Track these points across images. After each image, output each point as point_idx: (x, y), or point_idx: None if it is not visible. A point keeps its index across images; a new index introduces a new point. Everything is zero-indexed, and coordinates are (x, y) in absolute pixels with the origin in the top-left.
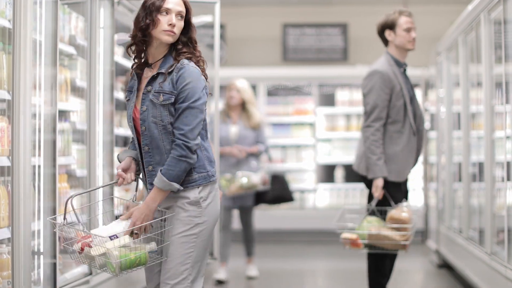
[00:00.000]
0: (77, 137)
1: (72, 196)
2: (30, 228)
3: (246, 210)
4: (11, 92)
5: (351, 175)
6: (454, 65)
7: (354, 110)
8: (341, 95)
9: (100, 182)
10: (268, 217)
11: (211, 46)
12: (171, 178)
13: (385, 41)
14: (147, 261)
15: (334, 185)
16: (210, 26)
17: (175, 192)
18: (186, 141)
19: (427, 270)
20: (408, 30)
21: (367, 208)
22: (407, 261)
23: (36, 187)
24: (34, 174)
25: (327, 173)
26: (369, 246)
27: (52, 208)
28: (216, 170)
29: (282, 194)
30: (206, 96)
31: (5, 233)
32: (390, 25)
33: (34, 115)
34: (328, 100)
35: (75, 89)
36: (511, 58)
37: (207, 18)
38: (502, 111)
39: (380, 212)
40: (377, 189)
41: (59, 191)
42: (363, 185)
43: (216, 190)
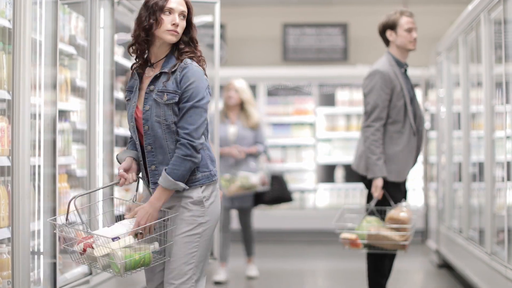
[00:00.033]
0: (77, 137)
1: (75, 197)
2: (28, 228)
3: (245, 211)
4: (11, 92)
5: (351, 175)
6: (454, 65)
7: (354, 110)
8: (341, 95)
9: (100, 182)
10: (268, 217)
11: (211, 46)
12: (176, 177)
13: (386, 41)
14: (151, 261)
15: (334, 185)
16: (210, 26)
17: (178, 192)
18: (191, 140)
19: (427, 270)
20: (409, 30)
21: (366, 208)
22: (407, 261)
23: (36, 187)
24: (34, 174)
25: (327, 173)
26: (368, 246)
27: (52, 208)
28: (217, 169)
29: (281, 195)
30: (209, 95)
31: (5, 233)
32: (391, 25)
33: (34, 115)
34: (328, 100)
35: (75, 89)
36: (511, 58)
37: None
38: (502, 111)
39: (379, 212)
40: (376, 189)
41: (59, 191)
42: (363, 185)
43: (217, 189)
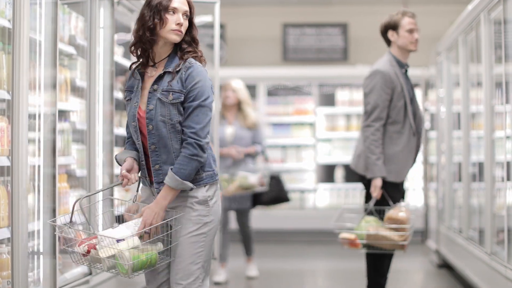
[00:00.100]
0: (77, 137)
1: (81, 198)
2: (26, 228)
3: (243, 212)
4: (10, 92)
5: (351, 175)
6: (454, 65)
7: (354, 110)
8: (341, 95)
9: (100, 182)
10: (268, 217)
11: (211, 46)
12: (183, 177)
13: (388, 41)
14: (157, 262)
15: (334, 185)
16: (210, 26)
17: (183, 192)
18: (198, 139)
19: (427, 270)
20: (411, 31)
21: (365, 208)
22: (407, 261)
23: (36, 187)
24: (34, 174)
25: (327, 173)
26: (367, 246)
27: (52, 208)
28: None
29: (279, 195)
30: (213, 94)
31: (5, 233)
32: (393, 26)
33: (34, 115)
34: (328, 100)
35: (75, 89)
36: (511, 58)
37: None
38: (502, 111)
39: (378, 212)
40: (375, 189)
41: (59, 191)
42: (362, 185)
43: (219, 189)
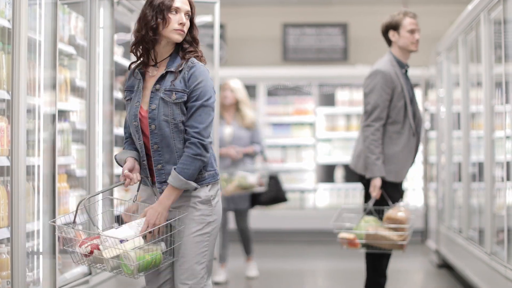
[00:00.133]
0: (77, 137)
1: (85, 198)
2: (24, 228)
3: (241, 212)
4: (10, 92)
5: (351, 175)
6: (454, 65)
7: (354, 110)
8: (341, 95)
9: (100, 182)
10: (268, 217)
11: (210, 46)
12: (187, 176)
13: (389, 41)
14: (161, 261)
15: (334, 185)
16: (210, 26)
17: (185, 191)
18: (202, 139)
19: (427, 270)
20: (412, 31)
21: (364, 208)
22: (407, 261)
23: (35, 187)
24: (33, 174)
25: (327, 173)
26: (366, 246)
27: (52, 208)
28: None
29: (277, 195)
30: (214, 94)
31: (5, 233)
32: (394, 26)
33: (34, 115)
34: (328, 100)
35: (74, 89)
36: (511, 58)
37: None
38: (502, 111)
39: (377, 212)
40: (375, 188)
41: (59, 191)
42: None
43: (219, 188)
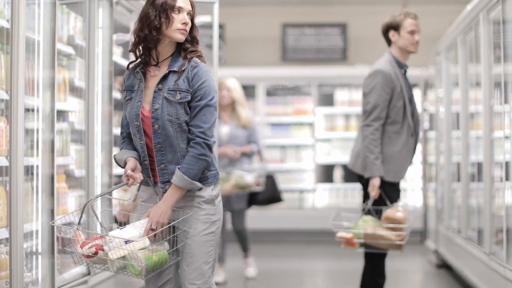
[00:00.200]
0: (76, 137)
1: (91, 199)
2: (22, 228)
3: (238, 213)
4: (8, 92)
5: (350, 175)
6: (453, 65)
7: (353, 110)
8: (340, 95)
9: (99, 183)
10: (267, 217)
11: (209, 46)
12: (192, 176)
13: (388, 41)
14: (167, 262)
15: (333, 185)
16: (209, 26)
17: (189, 191)
18: (206, 139)
19: (426, 270)
20: (412, 32)
21: (363, 207)
22: (406, 261)
23: (34, 187)
24: (32, 174)
25: (326, 173)
26: (364, 245)
27: (50, 209)
28: None
29: (273, 195)
30: (216, 94)
31: (3, 233)
32: (395, 26)
33: (32, 115)
34: (327, 100)
35: (73, 89)
36: (510, 58)
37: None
38: (501, 111)
39: (375, 211)
40: (373, 188)
41: (58, 191)
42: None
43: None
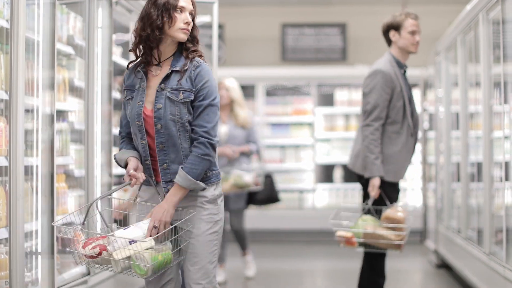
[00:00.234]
0: (75, 137)
1: (96, 199)
2: (22, 228)
3: (236, 213)
4: (8, 92)
5: (350, 175)
6: (452, 65)
7: (353, 110)
8: (340, 95)
9: (98, 183)
10: (267, 217)
11: (209, 46)
12: (195, 176)
13: (389, 41)
14: (171, 261)
15: (333, 185)
16: (209, 26)
17: (191, 191)
18: (210, 138)
19: (425, 270)
20: (413, 33)
21: (363, 207)
22: (406, 261)
23: (34, 187)
24: (31, 174)
25: (326, 173)
26: (363, 244)
27: (50, 209)
28: None
29: (271, 195)
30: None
31: (3, 233)
32: (396, 26)
33: (32, 115)
34: (327, 100)
35: (73, 89)
36: (510, 58)
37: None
38: (501, 111)
39: (375, 211)
40: (373, 188)
41: (57, 191)
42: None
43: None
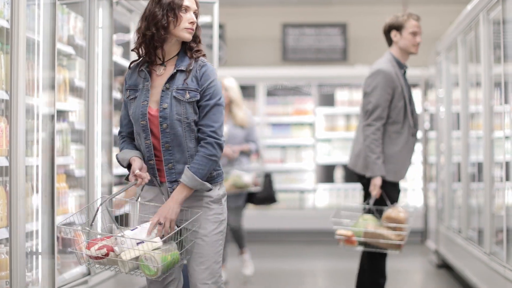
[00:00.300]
0: (76, 137)
1: (106, 199)
2: (23, 228)
3: (235, 210)
4: (9, 92)
5: (351, 175)
6: (453, 65)
7: (354, 110)
8: (340, 95)
9: (99, 183)
10: (268, 217)
11: (210, 46)
12: (202, 177)
13: (389, 41)
14: (178, 261)
15: (334, 185)
16: (209, 26)
17: (196, 191)
18: (218, 138)
19: (426, 270)
20: (415, 34)
21: (364, 206)
22: (407, 261)
23: (34, 187)
24: (32, 174)
25: (326, 173)
26: (363, 244)
27: (51, 209)
28: None
29: (268, 195)
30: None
31: (4, 233)
32: (398, 27)
33: (32, 115)
34: (327, 100)
35: (73, 89)
36: (510, 58)
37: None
38: (501, 111)
39: (376, 211)
40: (375, 187)
41: (58, 191)
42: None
43: None
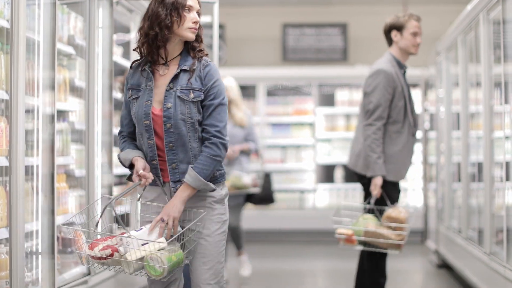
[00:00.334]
0: (76, 137)
1: (112, 200)
2: (23, 228)
3: (234, 208)
4: (9, 92)
5: (351, 175)
6: (453, 65)
7: (354, 110)
8: (340, 95)
9: (99, 183)
10: (268, 217)
11: (210, 46)
12: (205, 177)
13: (389, 41)
14: (182, 262)
15: (334, 185)
16: (209, 26)
17: (199, 191)
18: (222, 138)
19: (426, 270)
20: (415, 34)
21: (364, 206)
22: (407, 261)
23: (34, 187)
24: (32, 174)
25: (326, 173)
26: (363, 243)
27: (51, 209)
28: None
29: (265, 195)
30: None
31: (3, 233)
32: (398, 27)
33: (33, 115)
34: (327, 100)
35: (73, 89)
36: (510, 58)
37: (206, 18)
38: (501, 111)
39: (376, 211)
40: (375, 187)
41: (58, 191)
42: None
43: None
